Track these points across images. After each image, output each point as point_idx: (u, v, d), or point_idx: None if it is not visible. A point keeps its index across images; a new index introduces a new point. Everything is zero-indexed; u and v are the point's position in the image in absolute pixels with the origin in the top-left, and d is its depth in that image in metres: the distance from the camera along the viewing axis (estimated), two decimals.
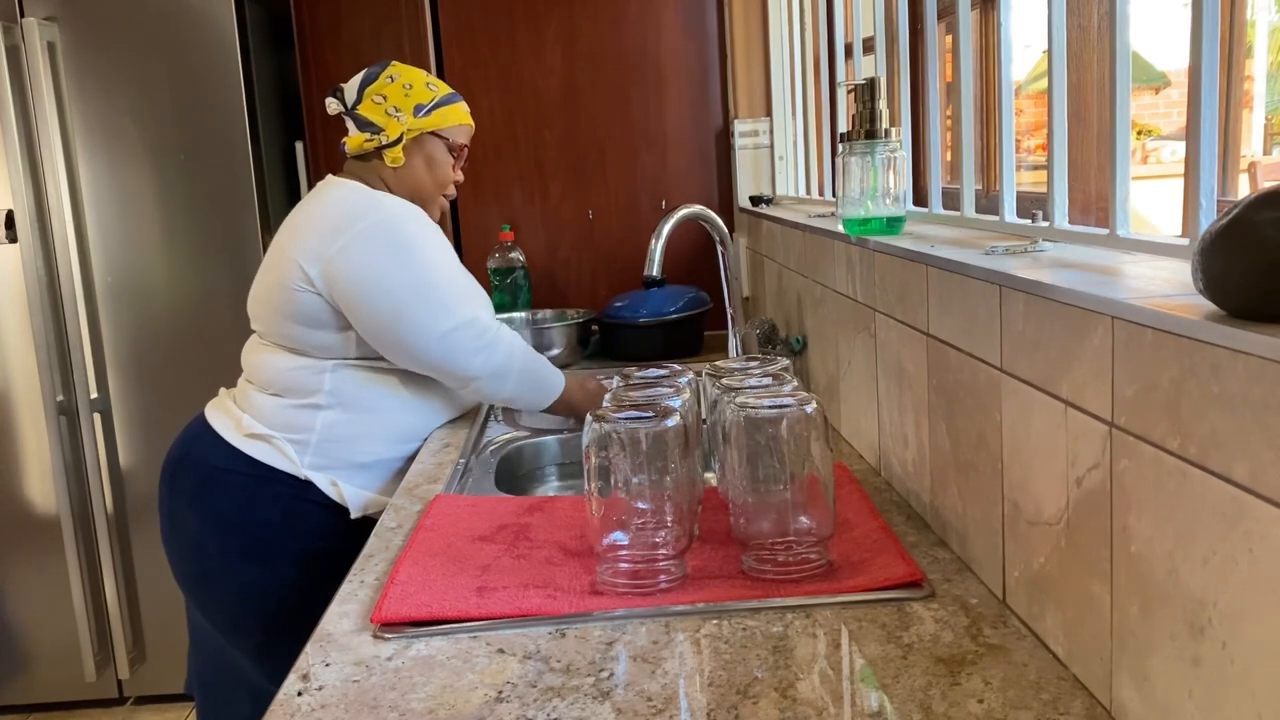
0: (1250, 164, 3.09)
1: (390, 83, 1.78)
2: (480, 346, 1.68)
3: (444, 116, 1.80)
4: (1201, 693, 0.68)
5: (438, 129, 1.80)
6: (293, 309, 1.68)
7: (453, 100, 1.83)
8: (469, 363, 1.69)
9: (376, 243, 1.66)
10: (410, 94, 1.78)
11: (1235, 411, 0.62)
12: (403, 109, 1.77)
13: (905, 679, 0.90)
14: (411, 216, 1.72)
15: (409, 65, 1.84)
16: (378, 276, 1.65)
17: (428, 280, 1.67)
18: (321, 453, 1.69)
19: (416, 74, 1.82)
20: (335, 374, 1.70)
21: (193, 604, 1.77)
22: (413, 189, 1.80)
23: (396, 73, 1.80)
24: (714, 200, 2.89)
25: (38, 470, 2.81)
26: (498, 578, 1.13)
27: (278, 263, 1.70)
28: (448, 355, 1.68)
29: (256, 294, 1.76)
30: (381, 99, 1.77)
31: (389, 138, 1.76)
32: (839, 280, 1.59)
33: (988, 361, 1.01)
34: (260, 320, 1.76)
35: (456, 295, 1.69)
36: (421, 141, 1.79)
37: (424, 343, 1.66)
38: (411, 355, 1.69)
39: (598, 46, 2.85)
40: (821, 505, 1.09)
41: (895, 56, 1.76)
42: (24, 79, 2.63)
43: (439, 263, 1.70)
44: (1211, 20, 0.82)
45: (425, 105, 1.78)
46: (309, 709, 0.91)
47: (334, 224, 1.68)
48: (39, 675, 2.90)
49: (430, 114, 1.79)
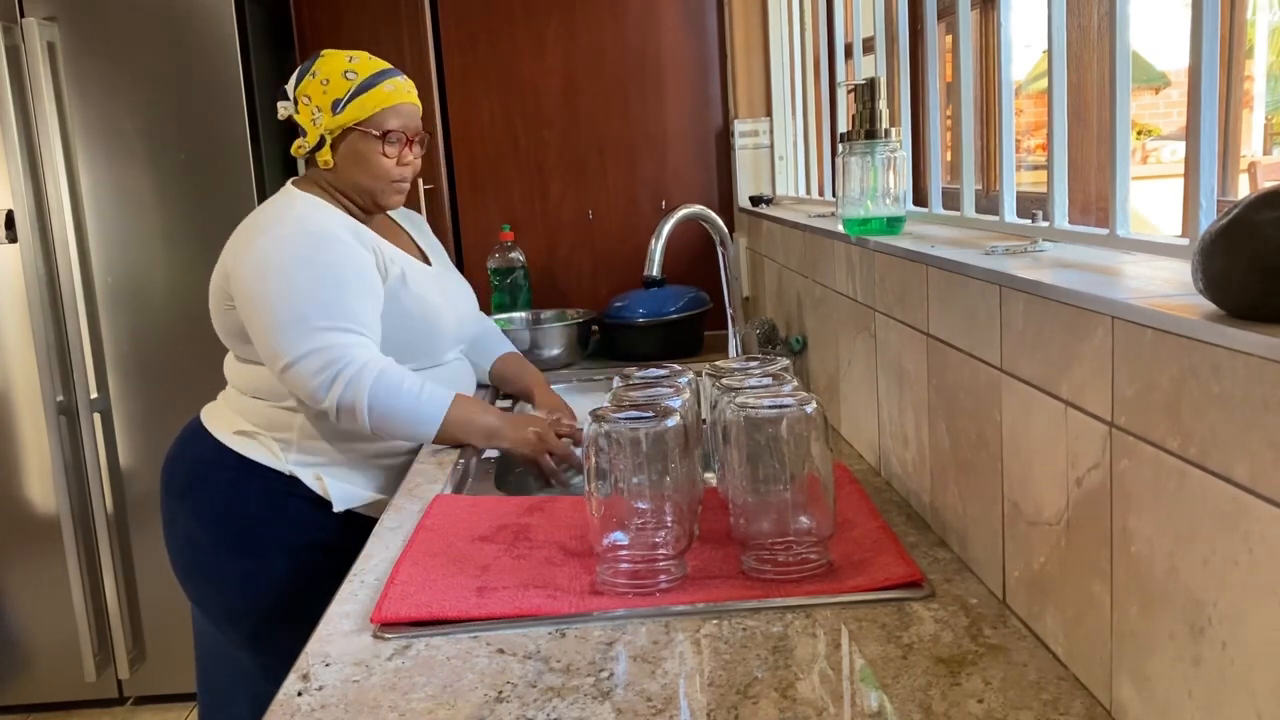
0: (1250, 164, 3.09)
1: (312, 79, 1.69)
2: (323, 382, 1.58)
3: (361, 107, 1.68)
4: (1201, 693, 0.68)
5: (357, 121, 1.68)
6: (233, 328, 1.70)
7: (375, 83, 1.69)
8: (314, 395, 1.60)
9: (254, 261, 1.63)
10: (327, 89, 1.67)
11: (1235, 411, 0.62)
12: (321, 108, 1.68)
13: (905, 679, 0.90)
14: (299, 240, 1.64)
15: (337, 50, 1.73)
16: (249, 295, 1.62)
17: (284, 306, 1.59)
18: (304, 449, 1.70)
19: (335, 63, 1.69)
20: None
21: (191, 600, 1.79)
22: (354, 188, 1.74)
23: (318, 67, 1.69)
24: (714, 200, 2.89)
25: (38, 470, 2.81)
26: (498, 578, 1.13)
27: (214, 288, 1.73)
28: (294, 384, 1.61)
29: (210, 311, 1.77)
30: (307, 100, 1.69)
31: (310, 143, 1.71)
32: (839, 280, 1.59)
33: (988, 361, 1.01)
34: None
35: (309, 326, 1.58)
36: (345, 138, 1.70)
37: (273, 367, 1.62)
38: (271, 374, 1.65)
39: (598, 46, 2.85)
40: (821, 505, 1.09)
41: (895, 56, 1.76)
42: (24, 79, 2.63)
43: (304, 290, 1.60)
44: (1211, 20, 0.82)
45: (341, 99, 1.67)
46: (309, 709, 0.91)
47: (240, 239, 1.70)
48: (39, 675, 2.89)
49: (346, 108, 1.67)
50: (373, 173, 1.71)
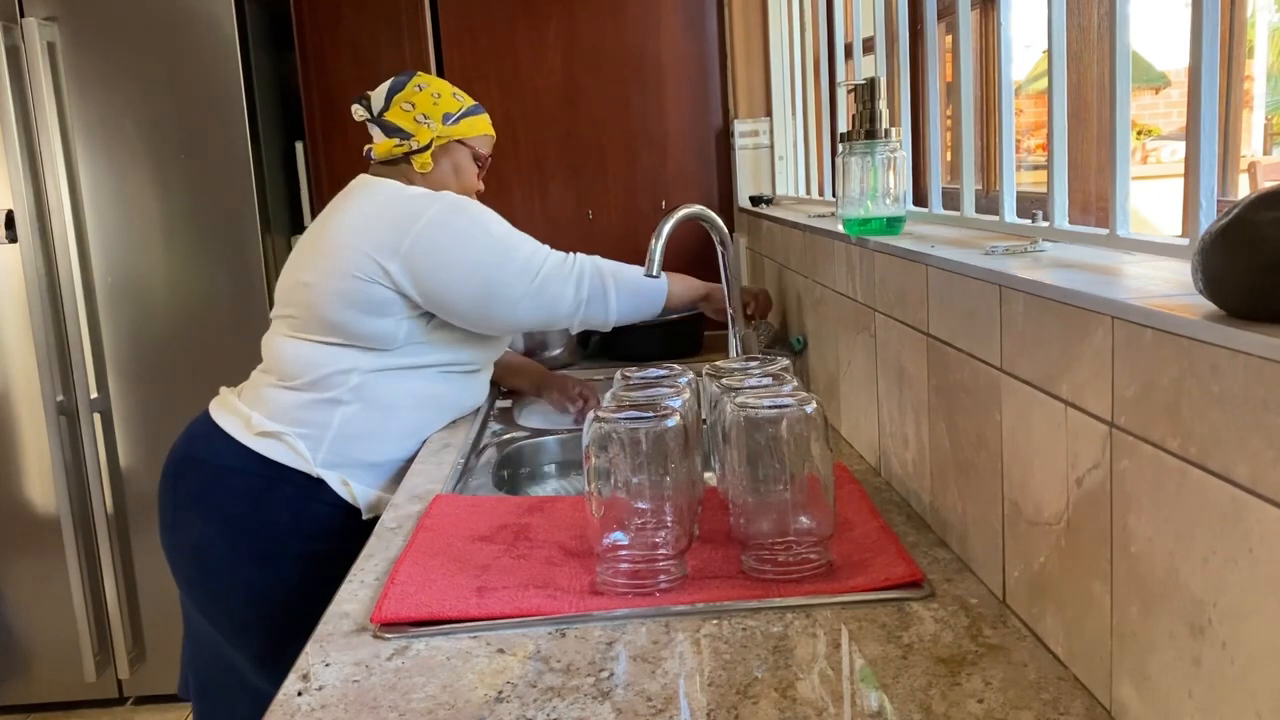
0: (1250, 164, 3.09)
1: (419, 91, 1.84)
2: (568, 277, 1.77)
3: (471, 126, 1.86)
4: (1201, 693, 0.68)
5: (464, 138, 1.86)
6: (357, 298, 1.68)
7: (478, 111, 1.89)
8: (566, 297, 1.77)
9: (447, 228, 1.71)
10: (439, 103, 1.84)
11: (1235, 411, 0.62)
12: (432, 117, 1.82)
13: (905, 679, 0.90)
14: (464, 200, 1.78)
15: (435, 76, 1.90)
16: (459, 258, 1.71)
17: (501, 246, 1.74)
18: (334, 450, 1.69)
19: (444, 84, 1.88)
20: (363, 372, 1.71)
21: (193, 605, 1.76)
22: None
23: (424, 82, 1.85)
24: (714, 200, 2.89)
25: (38, 470, 2.81)
26: (498, 578, 1.13)
27: (337, 253, 1.69)
28: (545, 302, 1.75)
29: (303, 281, 1.73)
30: (410, 106, 1.82)
31: (419, 143, 1.81)
32: (839, 280, 1.59)
33: (988, 361, 1.01)
34: (301, 305, 1.72)
35: (529, 249, 1.76)
36: (449, 149, 1.85)
37: (520, 301, 1.74)
38: (512, 318, 1.78)
39: (598, 47, 2.85)
40: (821, 505, 1.09)
41: (895, 56, 1.76)
42: (24, 79, 2.63)
43: (503, 230, 1.77)
44: (1211, 20, 0.82)
45: (453, 114, 1.84)
46: (309, 709, 0.91)
47: (402, 217, 1.71)
48: (39, 675, 2.90)
49: (458, 123, 1.85)
50: (464, 185, 1.88)
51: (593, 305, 1.79)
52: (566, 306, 1.78)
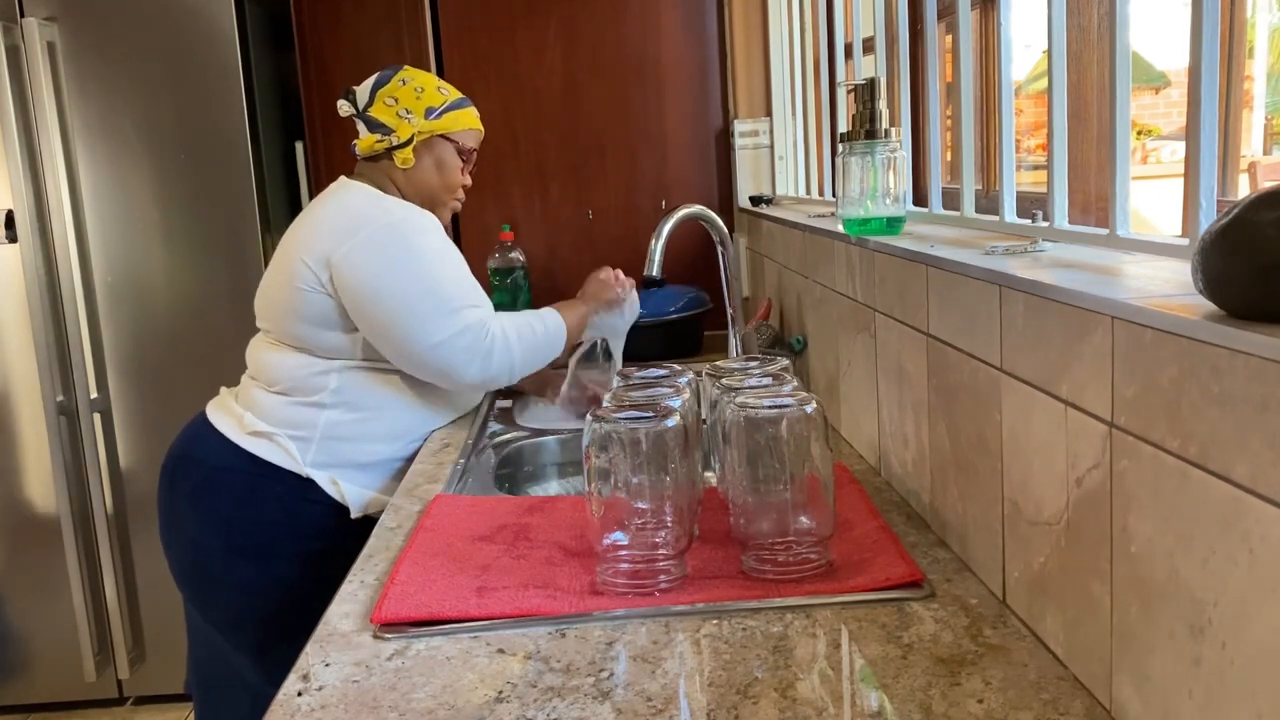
0: (1250, 164, 3.08)
1: (402, 85, 1.81)
2: (475, 355, 1.70)
3: (454, 120, 1.83)
4: (1201, 693, 0.68)
5: (448, 132, 1.82)
6: (302, 309, 1.69)
7: (463, 105, 1.86)
8: (465, 371, 1.71)
9: (378, 248, 1.67)
10: (421, 97, 1.81)
11: (1235, 411, 0.62)
12: (414, 111, 1.80)
13: (905, 679, 0.90)
14: (416, 223, 1.73)
15: (420, 70, 1.87)
16: (377, 282, 1.66)
17: (424, 289, 1.68)
18: (323, 450, 1.69)
19: (428, 78, 1.85)
20: (341, 374, 1.71)
21: (191, 604, 1.77)
22: (422, 191, 1.82)
23: (408, 76, 1.83)
24: (714, 200, 2.89)
25: (38, 470, 2.81)
26: (498, 578, 1.13)
27: (287, 262, 1.72)
28: (444, 364, 1.70)
29: (265, 292, 1.77)
30: (393, 101, 1.80)
31: (399, 139, 1.79)
32: (839, 280, 1.59)
33: (987, 361, 1.01)
34: (268, 318, 1.77)
35: (452, 305, 1.70)
36: (431, 144, 1.82)
37: (419, 351, 1.68)
38: (409, 362, 1.71)
39: (598, 46, 2.85)
40: (821, 505, 1.09)
41: (895, 56, 1.76)
42: (24, 79, 2.63)
43: (437, 272, 1.71)
44: (1211, 20, 0.82)
45: (436, 108, 1.81)
46: (309, 709, 0.91)
47: (342, 227, 1.70)
48: (39, 675, 2.89)
49: (441, 117, 1.81)
50: (447, 181, 1.85)
51: (499, 376, 1.76)
52: (462, 378, 1.73)
